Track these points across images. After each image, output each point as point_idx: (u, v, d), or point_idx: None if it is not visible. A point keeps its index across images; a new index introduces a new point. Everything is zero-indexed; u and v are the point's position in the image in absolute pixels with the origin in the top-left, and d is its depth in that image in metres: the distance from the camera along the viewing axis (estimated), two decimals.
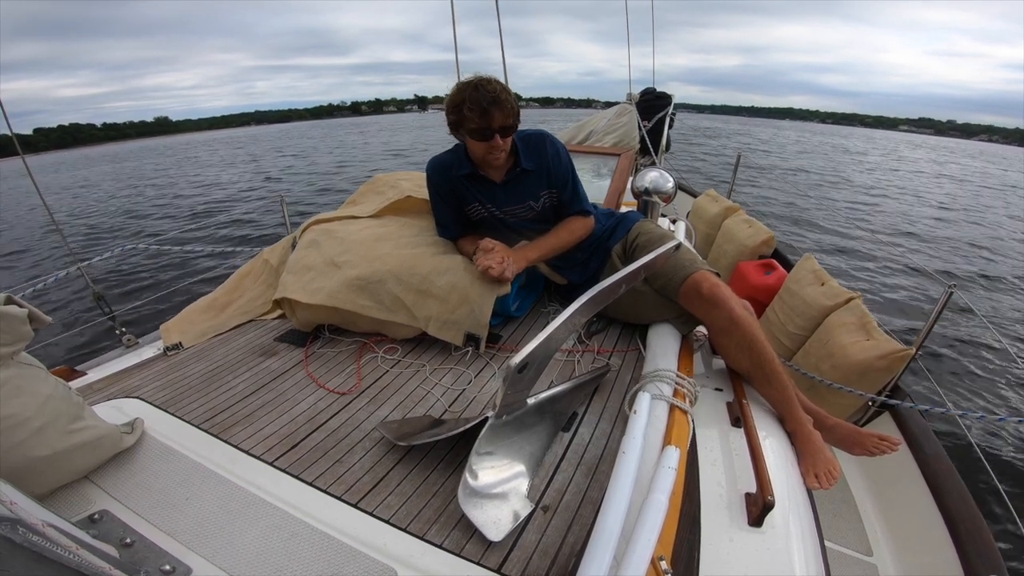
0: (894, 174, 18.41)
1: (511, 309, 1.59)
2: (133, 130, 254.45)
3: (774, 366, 1.18)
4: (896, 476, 1.82)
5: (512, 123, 1.36)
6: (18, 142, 1.71)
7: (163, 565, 0.71)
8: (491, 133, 1.33)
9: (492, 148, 1.37)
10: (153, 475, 0.91)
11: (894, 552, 1.69)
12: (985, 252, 7.53)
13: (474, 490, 0.83)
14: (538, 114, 78.60)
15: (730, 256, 3.48)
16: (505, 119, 1.33)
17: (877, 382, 2.02)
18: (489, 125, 1.32)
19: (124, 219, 10.28)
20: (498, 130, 1.34)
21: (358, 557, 0.75)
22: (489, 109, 1.30)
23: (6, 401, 0.76)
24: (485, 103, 1.29)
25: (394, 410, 1.16)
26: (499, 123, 1.33)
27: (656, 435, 0.92)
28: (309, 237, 1.69)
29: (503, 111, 1.32)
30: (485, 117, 1.31)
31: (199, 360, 1.39)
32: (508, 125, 1.35)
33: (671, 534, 0.72)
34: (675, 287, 1.30)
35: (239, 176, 16.65)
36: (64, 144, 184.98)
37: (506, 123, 1.34)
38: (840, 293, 2.31)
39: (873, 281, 5.78)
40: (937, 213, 10.72)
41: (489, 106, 1.29)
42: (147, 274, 5.94)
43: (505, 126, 1.34)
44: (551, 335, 0.79)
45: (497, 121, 1.32)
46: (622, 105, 3.80)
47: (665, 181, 2.35)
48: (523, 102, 2.17)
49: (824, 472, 1.07)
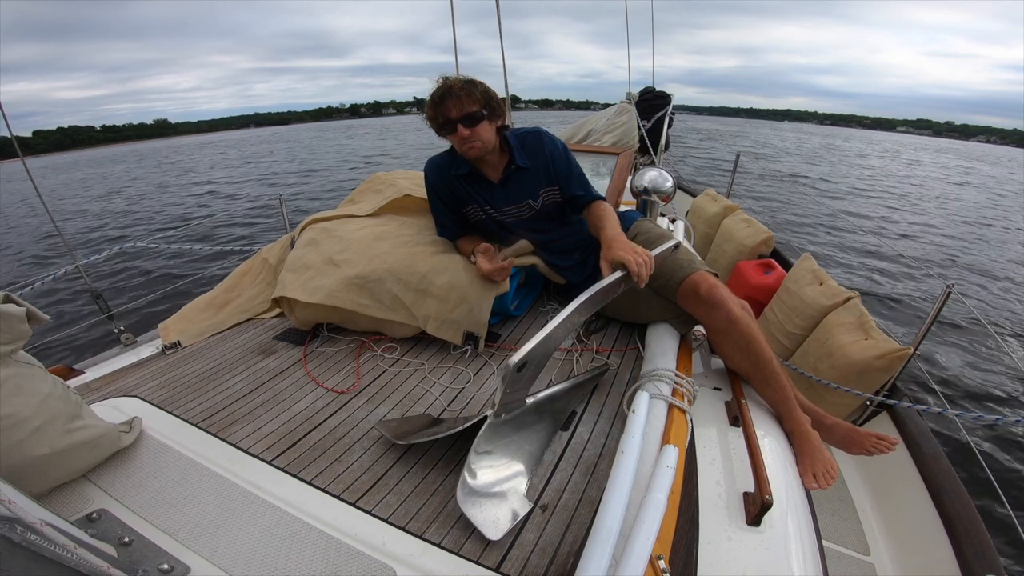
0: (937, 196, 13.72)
1: (510, 308, 1.59)
2: (132, 132, 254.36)
3: (772, 366, 1.18)
4: (894, 476, 1.83)
5: (475, 111, 1.33)
6: (16, 144, 1.70)
7: (161, 564, 0.71)
8: (452, 124, 1.34)
9: (461, 140, 1.37)
10: (151, 474, 0.91)
11: (892, 551, 1.69)
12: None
13: (473, 489, 0.84)
14: (537, 116, 77.96)
15: (729, 256, 3.49)
16: (460, 109, 1.32)
17: (875, 382, 2.03)
18: (447, 117, 1.33)
19: (118, 220, 10.22)
20: (459, 120, 1.33)
21: (357, 556, 0.75)
22: (442, 102, 1.32)
23: (4, 400, 0.75)
24: (436, 98, 1.33)
25: (393, 409, 1.16)
26: (456, 113, 1.33)
27: (655, 434, 0.92)
28: (308, 236, 1.68)
29: (456, 101, 1.32)
30: (439, 109, 1.34)
31: (197, 359, 1.39)
32: (469, 114, 1.33)
33: (669, 533, 0.72)
34: (673, 287, 1.30)
35: (173, 195, 13.76)
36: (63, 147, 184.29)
37: (465, 112, 1.33)
38: (839, 293, 2.31)
39: (873, 281, 5.79)
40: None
41: (441, 99, 1.32)
42: (145, 273, 5.93)
43: (466, 115, 1.33)
44: (550, 334, 0.79)
45: (452, 112, 1.33)
46: (621, 104, 3.80)
47: (664, 180, 2.35)
48: (522, 104, 2.18)
49: (822, 472, 1.07)
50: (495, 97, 1.39)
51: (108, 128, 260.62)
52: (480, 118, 1.35)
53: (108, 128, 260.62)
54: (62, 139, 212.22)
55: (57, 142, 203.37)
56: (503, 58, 3.10)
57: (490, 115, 1.38)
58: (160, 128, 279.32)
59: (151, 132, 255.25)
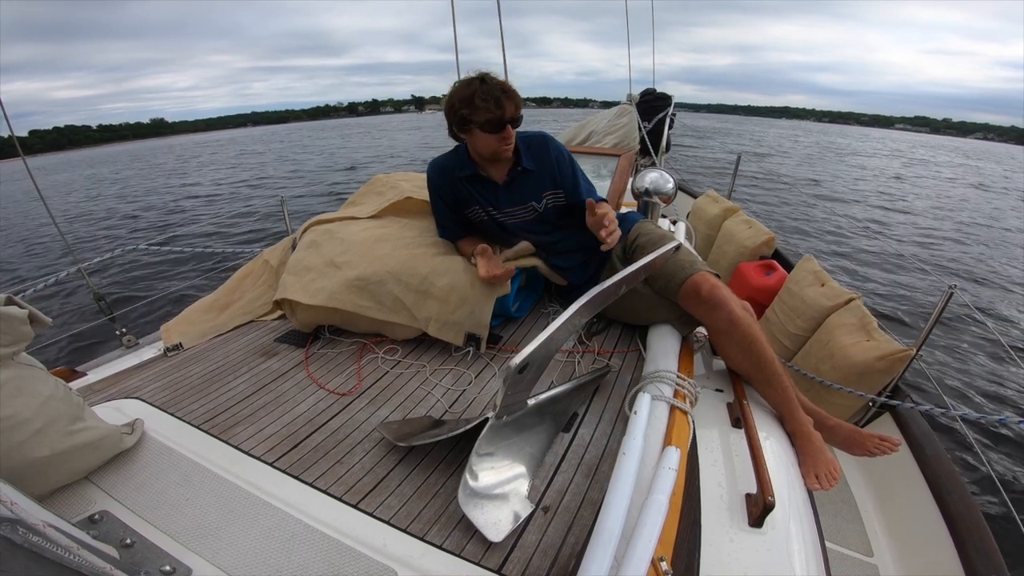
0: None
1: (511, 310, 1.59)
2: (129, 131, 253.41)
3: (774, 367, 1.18)
4: (897, 477, 1.82)
5: (520, 114, 1.38)
6: (16, 144, 1.71)
7: (163, 566, 0.71)
8: (503, 124, 1.34)
9: (504, 139, 1.37)
10: (153, 476, 0.91)
11: (895, 553, 1.68)
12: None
13: (474, 490, 0.83)
14: (535, 114, 76.88)
15: (730, 257, 3.48)
16: (516, 109, 1.36)
17: (877, 383, 2.02)
18: (503, 115, 1.33)
19: (113, 222, 10.09)
20: (510, 120, 1.35)
21: (358, 558, 0.75)
22: (501, 99, 1.32)
23: (6, 402, 0.76)
24: (498, 92, 1.31)
25: (394, 411, 1.16)
26: (511, 113, 1.34)
27: (656, 436, 0.92)
28: (309, 238, 1.69)
29: (513, 101, 1.34)
30: (499, 107, 1.32)
31: (199, 361, 1.40)
32: (518, 116, 1.37)
33: (671, 535, 0.72)
34: (675, 288, 1.30)
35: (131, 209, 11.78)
36: (60, 146, 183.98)
37: (516, 114, 1.36)
38: (840, 294, 2.31)
39: (873, 281, 5.78)
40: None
41: (501, 96, 1.32)
42: (147, 275, 5.94)
43: (515, 117, 1.36)
44: (551, 336, 0.79)
45: (509, 111, 1.34)
46: (622, 106, 3.80)
47: (665, 182, 2.35)
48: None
49: (825, 473, 1.07)
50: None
51: (104, 127, 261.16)
52: (521, 121, 1.40)
53: (104, 127, 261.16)
54: (58, 139, 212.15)
55: (53, 142, 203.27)
56: (504, 57, 3.10)
57: (522, 118, 1.42)
58: (157, 127, 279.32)
59: (148, 131, 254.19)
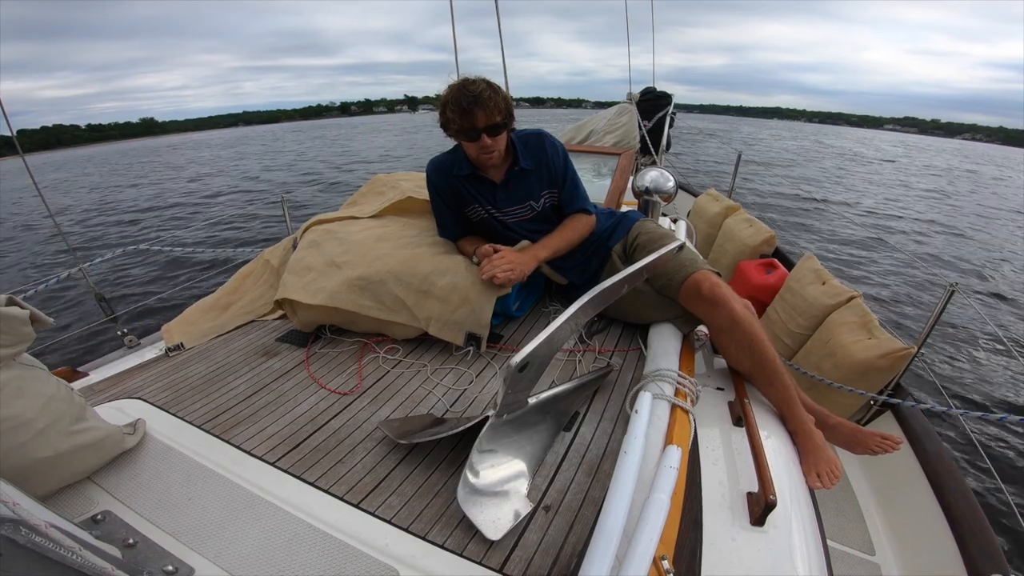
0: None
1: (512, 309, 1.59)
2: (118, 131, 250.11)
3: (775, 365, 1.17)
4: (898, 475, 1.82)
5: (500, 121, 1.34)
6: (4, 144, 1.71)
7: (165, 566, 0.71)
8: (476, 133, 1.33)
9: (481, 148, 1.36)
10: (155, 476, 0.91)
11: (897, 551, 1.68)
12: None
13: (474, 488, 0.83)
14: (529, 114, 76.05)
15: (731, 255, 3.48)
16: (489, 118, 1.32)
17: (879, 381, 2.02)
18: (473, 125, 1.32)
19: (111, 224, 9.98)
20: (484, 129, 1.33)
21: (360, 557, 0.75)
22: (470, 109, 1.29)
23: (8, 402, 0.76)
24: (466, 103, 1.29)
25: (395, 410, 1.16)
26: (483, 123, 1.32)
27: (658, 435, 0.91)
28: (310, 238, 1.69)
29: (486, 110, 1.30)
30: (467, 117, 1.30)
31: (201, 361, 1.40)
32: (495, 124, 1.33)
33: (673, 533, 0.72)
34: (675, 287, 1.30)
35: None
36: (48, 146, 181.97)
37: (491, 122, 1.33)
38: (841, 292, 2.30)
39: (874, 281, 5.77)
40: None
41: (470, 106, 1.29)
42: (148, 275, 5.95)
43: (492, 125, 1.33)
44: (552, 335, 0.79)
45: (480, 121, 1.31)
46: (622, 105, 3.80)
47: (666, 180, 2.35)
48: (514, 102, 2.16)
49: (826, 471, 1.07)
50: (511, 104, 1.39)
51: (93, 127, 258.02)
52: (503, 128, 1.36)
53: (93, 127, 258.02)
54: (46, 138, 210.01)
55: (42, 141, 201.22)
56: (503, 58, 3.10)
57: (508, 124, 1.38)
58: (146, 127, 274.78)
59: (137, 131, 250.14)
